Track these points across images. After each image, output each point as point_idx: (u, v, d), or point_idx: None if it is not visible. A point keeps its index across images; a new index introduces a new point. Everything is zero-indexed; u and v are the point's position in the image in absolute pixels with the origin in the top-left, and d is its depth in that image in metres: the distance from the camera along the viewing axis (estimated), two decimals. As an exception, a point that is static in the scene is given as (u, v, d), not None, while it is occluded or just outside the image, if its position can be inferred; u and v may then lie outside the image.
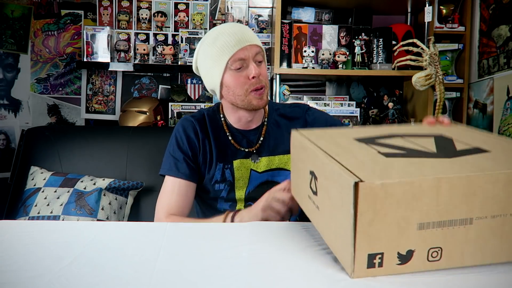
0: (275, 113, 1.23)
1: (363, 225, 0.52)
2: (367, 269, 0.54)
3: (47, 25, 2.36)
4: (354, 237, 0.52)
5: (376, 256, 0.53)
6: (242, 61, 1.07)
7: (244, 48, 1.06)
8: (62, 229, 0.77)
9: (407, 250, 0.54)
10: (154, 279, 0.55)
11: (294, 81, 2.37)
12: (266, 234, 0.75)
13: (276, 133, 1.20)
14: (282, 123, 1.21)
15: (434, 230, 0.54)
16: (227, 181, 1.16)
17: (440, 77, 1.96)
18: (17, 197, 1.67)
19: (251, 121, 1.18)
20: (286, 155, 1.18)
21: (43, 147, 1.73)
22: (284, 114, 1.23)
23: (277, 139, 1.19)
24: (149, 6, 2.35)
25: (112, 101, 2.40)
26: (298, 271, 0.58)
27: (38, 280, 0.54)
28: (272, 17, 2.30)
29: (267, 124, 1.20)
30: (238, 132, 1.18)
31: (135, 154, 1.71)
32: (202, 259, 0.62)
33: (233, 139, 1.18)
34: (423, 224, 0.53)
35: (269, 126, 1.20)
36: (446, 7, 2.18)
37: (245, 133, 1.18)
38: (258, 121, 1.19)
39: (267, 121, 1.20)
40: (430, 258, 0.55)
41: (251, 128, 1.19)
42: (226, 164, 1.17)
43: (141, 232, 0.77)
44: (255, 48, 1.09)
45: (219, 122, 1.19)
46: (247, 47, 1.07)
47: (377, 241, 0.53)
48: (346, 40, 2.13)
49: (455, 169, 0.55)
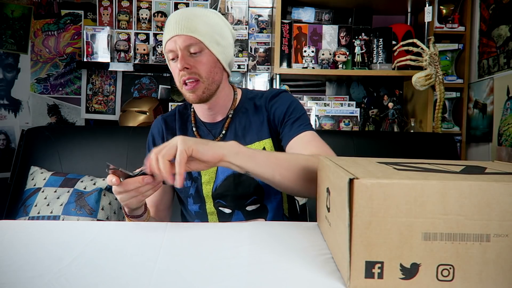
0: (248, 102, 1.15)
1: (359, 227, 0.49)
2: (365, 279, 0.50)
3: (47, 25, 2.36)
4: (350, 240, 0.49)
5: (375, 265, 0.50)
6: (173, 52, 1.02)
7: (172, 39, 1.01)
8: (62, 229, 0.77)
9: (411, 263, 0.50)
10: (154, 279, 0.55)
11: (294, 81, 2.37)
12: (266, 234, 0.74)
13: (242, 123, 1.12)
14: (250, 112, 1.13)
15: (443, 243, 0.49)
16: (193, 177, 1.11)
17: (440, 77, 1.96)
18: (17, 197, 1.67)
19: (215, 113, 1.12)
20: (253, 144, 1.10)
21: (43, 147, 1.73)
22: (254, 103, 1.15)
23: (245, 129, 1.11)
24: (149, 6, 2.35)
25: (112, 101, 2.40)
26: (298, 271, 0.58)
27: (38, 280, 0.54)
28: (272, 17, 2.30)
29: (232, 116, 1.12)
30: (204, 126, 1.13)
31: (135, 154, 1.71)
32: (202, 259, 0.62)
33: (198, 133, 1.13)
34: (429, 234, 0.49)
35: (236, 116, 1.13)
36: (446, 7, 2.18)
37: (210, 126, 1.13)
38: (224, 113, 1.13)
39: (234, 112, 1.13)
40: (440, 277, 0.50)
41: (217, 121, 1.13)
42: None
43: (141, 232, 0.77)
44: (186, 39, 1.00)
45: (189, 117, 1.16)
46: (175, 38, 1.00)
47: (376, 247, 0.49)
48: (346, 40, 2.13)
49: (467, 178, 0.51)
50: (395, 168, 0.59)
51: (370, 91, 2.40)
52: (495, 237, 0.49)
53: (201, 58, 1.02)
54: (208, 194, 1.09)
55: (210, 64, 1.03)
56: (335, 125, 2.17)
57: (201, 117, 1.14)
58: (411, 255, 0.50)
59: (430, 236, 0.49)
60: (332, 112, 2.19)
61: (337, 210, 0.57)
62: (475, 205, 0.49)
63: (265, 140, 1.09)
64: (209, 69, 1.03)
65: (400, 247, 0.49)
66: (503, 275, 0.50)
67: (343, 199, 0.51)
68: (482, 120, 1.99)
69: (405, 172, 0.56)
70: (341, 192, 0.52)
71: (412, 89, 2.10)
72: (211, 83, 1.04)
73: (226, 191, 1.07)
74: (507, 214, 0.49)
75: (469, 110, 2.12)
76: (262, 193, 1.08)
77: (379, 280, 0.50)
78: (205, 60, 1.03)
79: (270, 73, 2.31)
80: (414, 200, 0.49)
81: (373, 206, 0.49)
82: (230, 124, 1.12)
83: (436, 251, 0.49)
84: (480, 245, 0.49)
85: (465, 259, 0.49)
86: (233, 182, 1.07)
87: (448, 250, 0.49)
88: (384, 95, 2.26)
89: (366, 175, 0.51)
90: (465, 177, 0.52)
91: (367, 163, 0.64)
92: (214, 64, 1.04)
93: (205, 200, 1.10)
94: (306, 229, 0.76)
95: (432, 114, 2.06)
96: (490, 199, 0.49)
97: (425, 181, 0.50)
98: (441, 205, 0.49)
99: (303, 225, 0.79)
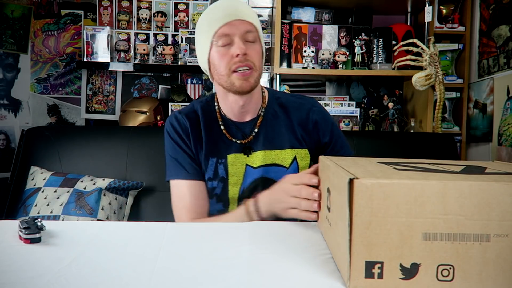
0: (275, 102, 1.13)
1: (359, 227, 0.49)
2: (365, 279, 0.50)
3: (47, 25, 2.36)
4: (350, 240, 0.50)
5: (375, 265, 0.50)
6: (227, 37, 0.97)
7: (230, 24, 0.97)
8: (62, 229, 0.77)
9: (411, 263, 0.50)
10: (154, 279, 0.55)
11: (294, 81, 2.37)
12: (266, 234, 0.74)
13: (273, 125, 1.10)
14: (281, 116, 1.11)
15: (443, 243, 0.49)
16: (220, 177, 1.08)
17: (440, 77, 1.96)
18: (17, 197, 1.67)
19: (245, 111, 1.08)
20: (284, 150, 1.09)
21: (43, 147, 1.73)
22: (284, 105, 1.13)
23: (274, 131, 1.10)
24: (149, 6, 2.35)
25: (112, 101, 2.40)
26: (298, 271, 0.58)
27: (38, 280, 0.54)
28: (272, 17, 2.30)
29: (264, 114, 1.10)
30: (233, 124, 1.09)
31: (135, 154, 1.71)
32: (202, 259, 0.62)
33: (227, 131, 1.09)
34: (429, 234, 0.49)
35: (267, 117, 1.10)
36: (446, 7, 2.18)
37: (240, 125, 1.09)
38: (254, 112, 1.10)
39: (265, 111, 1.11)
40: (440, 277, 0.50)
41: (247, 120, 1.10)
42: (220, 159, 1.08)
43: (141, 232, 0.77)
44: (246, 25, 0.98)
45: (213, 114, 1.11)
46: (234, 22, 0.97)
47: (376, 247, 0.50)
48: (346, 40, 2.13)
49: (467, 178, 0.51)
50: (395, 168, 0.59)
51: (370, 91, 2.40)
52: (495, 237, 0.49)
53: (256, 46, 1.01)
54: (234, 196, 1.08)
55: (261, 55, 1.03)
56: (335, 125, 2.17)
57: (229, 114, 1.10)
58: (411, 255, 0.50)
59: (430, 236, 0.49)
60: (332, 112, 2.19)
61: (337, 210, 0.57)
62: (475, 205, 0.49)
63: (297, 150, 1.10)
64: (260, 60, 1.02)
65: (400, 247, 0.50)
66: (503, 275, 0.50)
67: (344, 199, 0.51)
68: (482, 120, 1.99)
69: (405, 172, 0.56)
70: (341, 192, 0.53)
71: (412, 89, 2.10)
72: (260, 74, 1.03)
73: (252, 193, 1.03)
74: (507, 214, 0.49)
75: (469, 110, 2.12)
76: None
77: (379, 280, 0.50)
78: (259, 50, 1.02)
79: (270, 73, 2.31)
80: (414, 200, 0.49)
81: (373, 206, 0.49)
82: (261, 124, 1.10)
83: (436, 251, 0.49)
84: (480, 245, 0.49)
85: (465, 259, 0.50)
86: (260, 184, 1.05)
87: (448, 250, 0.49)
88: (384, 95, 2.26)
89: (366, 175, 0.51)
90: (465, 177, 0.52)
91: (367, 163, 0.64)
92: (262, 55, 1.04)
93: (230, 201, 1.09)
94: (306, 229, 0.76)
95: (432, 114, 2.06)
96: (490, 199, 0.49)
97: (425, 181, 0.50)
98: (441, 205, 0.49)
99: (303, 225, 0.79)
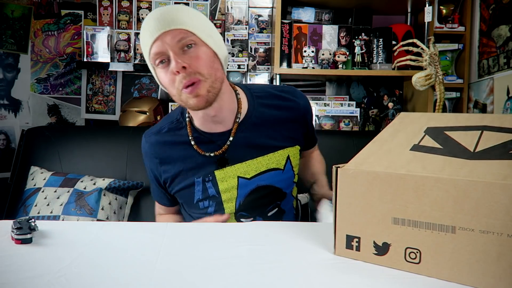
0: (257, 104, 1.01)
1: (341, 206, 0.60)
2: (346, 250, 0.61)
3: (47, 25, 2.35)
4: (335, 216, 0.61)
5: (354, 239, 0.60)
6: (162, 55, 0.86)
7: (160, 39, 0.85)
8: (62, 229, 0.77)
9: (382, 242, 0.57)
10: (154, 279, 0.55)
11: (294, 81, 2.37)
12: (266, 234, 0.74)
13: (260, 130, 0.99)
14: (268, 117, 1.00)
15: (410, 228, 0.55)
16: (211, 196, 0.99)
17: (440, 77, 1.96)
18: (17, 197, 1.67)
19: (219, 121, 0.97)
20: (276, 152, 1.00)
21: (43, 147, 1.73)
22: (268, 104, 1.02)
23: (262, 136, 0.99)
24: (149, 6, 2.35)
25: (112, 101, 2.40)
26: (298, 271, 0.58)
27: (38, 280, 0.54)
28: (272, 17, 2.30)
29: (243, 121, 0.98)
30: (206, 136, 0.99)
31: (135, 154, 1.71)
32: (202, 259, 0.62)
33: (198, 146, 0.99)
34: (397, 219, 0.56)
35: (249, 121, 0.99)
36: (446, 7, 2.18)
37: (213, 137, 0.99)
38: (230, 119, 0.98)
39: (245, 117, 0.99)
40: (408, 259, 0.56)
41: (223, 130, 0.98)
42: (205, 176, 0.99)
43: (141, 232, 0.77)
44: (176, 34, 0.85)
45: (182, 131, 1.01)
46: (163, 35, 0.84)
47: (354, 224, 0.59)
48: (346, 40, 2.13)
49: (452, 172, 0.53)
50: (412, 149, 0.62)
51: (370, 91, 2.40)
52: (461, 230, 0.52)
53: (196, 52, 0.86)
54: (231, 212, 1.02)
55: (208, 59, 0.88)
56: (335, 125, 2.17)
57: (201, 127, 0.99)
58: (382, 235, 0.57)
59: (399, 221, 0.56)
60: (332, 112, 2.19)
61: None
62: (446, 199, 0.52)
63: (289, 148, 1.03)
64: (208, 64, 0.88)
65: (373, 227, 0.58)
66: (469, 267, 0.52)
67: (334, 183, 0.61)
68: (482, 120, 1.98)
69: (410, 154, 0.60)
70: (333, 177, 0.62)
71: (412, 89, 2.10)
72: (214, 80, 0.89)
73: (250, 205, 1.01)
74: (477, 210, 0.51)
75: (469, 110, 2.12)
76: (283, 198, 1.06)
77: (356, 252, 0.60)
78: (202, 54, 0.87)
79: (270, 73, 2.31)
80: (388, 188, 0.56)
81: (350, 189, 0.59)
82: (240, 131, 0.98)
83: (403, 234, 0.56)
84: (445, 235, 0.53)
85: (431, 247, 0.54)
86: (257, 195, 1.01)
87: (415, 235, 0.55)
88: (384, 95, 2.27)
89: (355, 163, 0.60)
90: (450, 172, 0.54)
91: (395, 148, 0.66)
92: (213, 58, 0.90)
93: None
94: (306, 229, 0.76)
95: (432, 114, 2.06)
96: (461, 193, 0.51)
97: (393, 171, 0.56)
98: (414, 194, 0.54)
99: (303, 225, 0.79)
